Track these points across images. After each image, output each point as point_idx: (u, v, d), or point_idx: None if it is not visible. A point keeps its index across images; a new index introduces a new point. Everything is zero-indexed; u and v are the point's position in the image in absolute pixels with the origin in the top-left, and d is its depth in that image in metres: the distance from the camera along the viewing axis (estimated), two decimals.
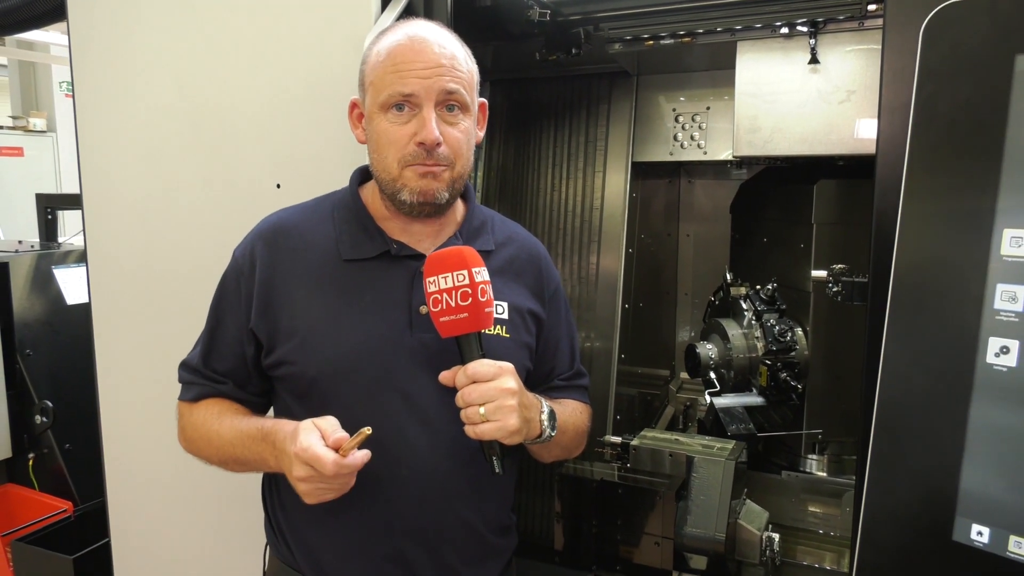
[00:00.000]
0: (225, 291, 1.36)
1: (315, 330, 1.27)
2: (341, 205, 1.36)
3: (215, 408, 1.35)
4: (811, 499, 2.06)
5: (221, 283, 1.37)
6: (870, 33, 1.70)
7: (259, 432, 1.25)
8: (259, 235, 1.34)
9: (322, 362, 1.26)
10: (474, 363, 1.17)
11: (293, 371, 1.28)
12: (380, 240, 1.31)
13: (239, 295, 1.32)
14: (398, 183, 1.25)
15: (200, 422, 1.35)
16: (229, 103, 1.72)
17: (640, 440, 1.84)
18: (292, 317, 1.28)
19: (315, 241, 1.31)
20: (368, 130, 1.29)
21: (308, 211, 1.37)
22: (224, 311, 1.35)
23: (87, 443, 2.24)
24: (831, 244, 1.99)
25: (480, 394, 1.16)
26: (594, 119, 2.33)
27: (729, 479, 1.65)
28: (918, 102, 0.96)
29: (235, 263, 1.35)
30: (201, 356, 1.37)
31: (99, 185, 1.96)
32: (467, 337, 1.18)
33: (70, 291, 3.04)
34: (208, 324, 1.38)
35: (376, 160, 1.27)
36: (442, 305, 1.17)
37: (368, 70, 1.27)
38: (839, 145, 1.76)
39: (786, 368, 1.96)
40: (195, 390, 1.37)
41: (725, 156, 2.21)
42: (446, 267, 1.17)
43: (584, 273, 2.30)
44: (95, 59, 1.90)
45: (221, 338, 1.35)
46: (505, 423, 1.16)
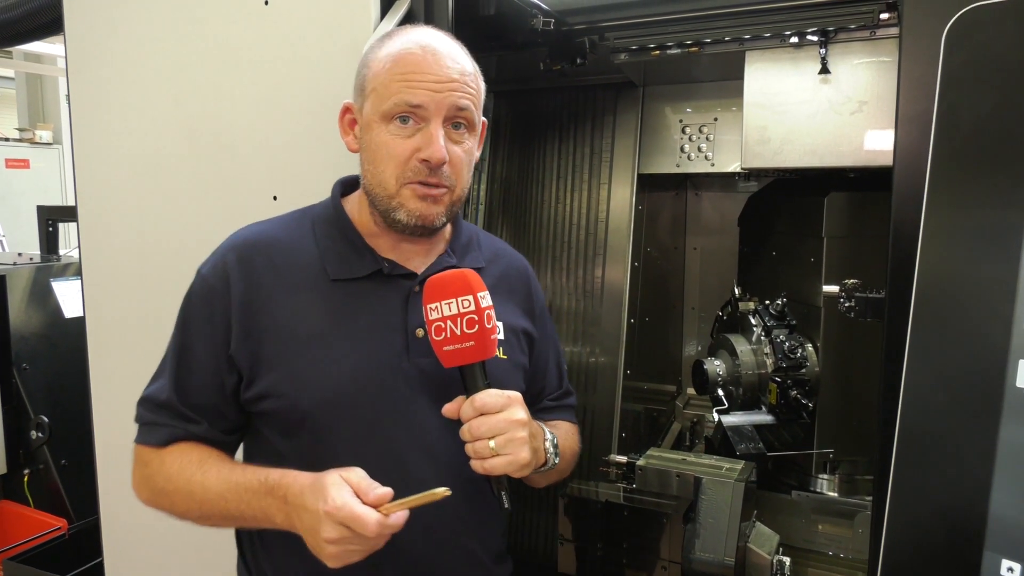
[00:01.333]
0: (192, 314, 1.20)
1: (306, 357, 1.15)
2: (323, 219, 1.24)
3: (193, 455, 1.17)
4: (822, 520, 2.01)
5: (186, 305, 1.22)
6: (883, 43, 1.66)
7: (262, 485, 1.09)
8: (232, 250, 1.20)
9: (316, 394, 1.14)
10: (482, 394, 1.10)
11: (281, 404, 1.15)
12: (371, 258, 1.20)
13: (211, 317, 1.17)
14: (394, 201, 1.15)
15: (176, 472, 1.16)
16: (226, 114, 1.69)
17: (646, 460, 1.78)
18: (278, 343, 1.15)
19: (297, 259, 1.19)
20: (364, 139, 1.18)
21: (285, 225, 1.25)
22: (192, 337, 1.19)
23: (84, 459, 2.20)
24: (842, 258, 1.94)
25: (489, 427, 1.09)
26: (599, 130, 2.29)
27: (739, 501, 1.59)
28: (940, 111, 0.91)
29: (203, 282, 1.19)
30: (172, 390, 1.19)
31: (95, 197, 1.92)
32: (472, 367, 1.11)
33: (68, 304, 3.01)
34: (173, 353, 1.21)
35: (371, 173, 1.17)
36: (445, 333, 1.09)
37: (371, 75, 1.16)
38: (851, 157, 1.71)
39: (797, 385, 1.91)
40: (163, 432, 1.19)
41: (733, 168, 2.17)
42: (449, 292, 1.09)
43: (589, 287, 2.26)
44: (91, 70, 1.87)
45: (191, 368, 1.19)
46: (516, 457, 1.09)
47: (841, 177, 1.96)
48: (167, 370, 1.22)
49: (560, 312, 2.30)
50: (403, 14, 1.45)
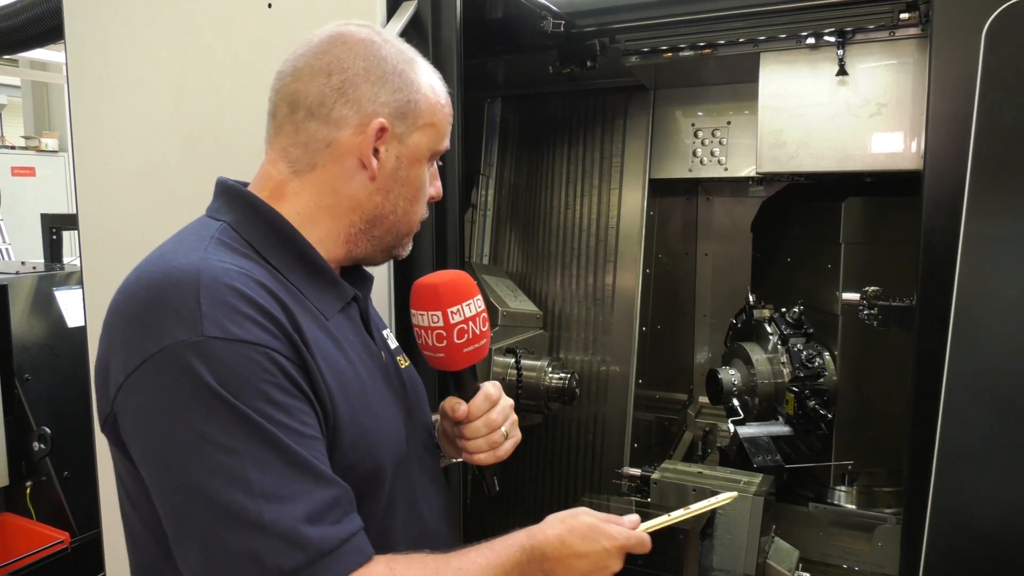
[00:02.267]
0: (273, 386, 0.86)
1: (361, 413, 0.98)
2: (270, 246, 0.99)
3: (415, 562, 0.94)
4: (840, 533, 1.96)
5: (256, 382, 0.84)
6: (902, 43, 1.62)
7: (522, 553, 0.97)
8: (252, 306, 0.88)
9: (379, 449, 1.00)
10: (488, 385, 1.13)
11: (363, 472, 0.97)
12: (344, 287, 1.06)
13: (292, 382, 0.88)
14: (407, 239, 1.13)
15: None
16: (228, 120, 1.65)
17: (661, 473, 1.74)
18: (339, 401, 0.94)
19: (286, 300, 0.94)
20: (403, 171, 1.04)
21: (225, 260, 0.93)
22: (290, 412, 0.87)
23: (87, 471, 2.16)
24: (859, 265, 1.89)
25: (503, 414, 1.13)
26: (609, 135, 2.25)
27: (758, 516, 1.54)
28: (981, 111, 0.87)
29: (258, 349, 0.85)
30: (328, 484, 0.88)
31: (96, 205, 1.89)
32: (474, 365, 1.13)
33: (71, 313, 2.98)
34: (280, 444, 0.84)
35: (404, 209, 1.06)
36: (468, 335, 1.09)
37: (426, 107, 1.04)
38: (870, 161, 1.67)
39: (815, 395, 1.86)
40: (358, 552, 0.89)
41: (747, 172, 2.12)
42: (464, 295, 1.09)
43: (600, 294, 2.22)
44: (92, 76, 1.84)
45: (312, 444, 0.88)
46: (518, 436, 1.15)
47: (856, 181, 1.91)
48: (297, 470, 0.85)
49: (570, 320, 2.25)
50: (409, 17, 1.41)
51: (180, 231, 1.06)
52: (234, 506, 0.80)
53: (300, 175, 1.02)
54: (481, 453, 1.12)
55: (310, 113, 1.01)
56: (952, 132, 1.03)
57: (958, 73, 1.00)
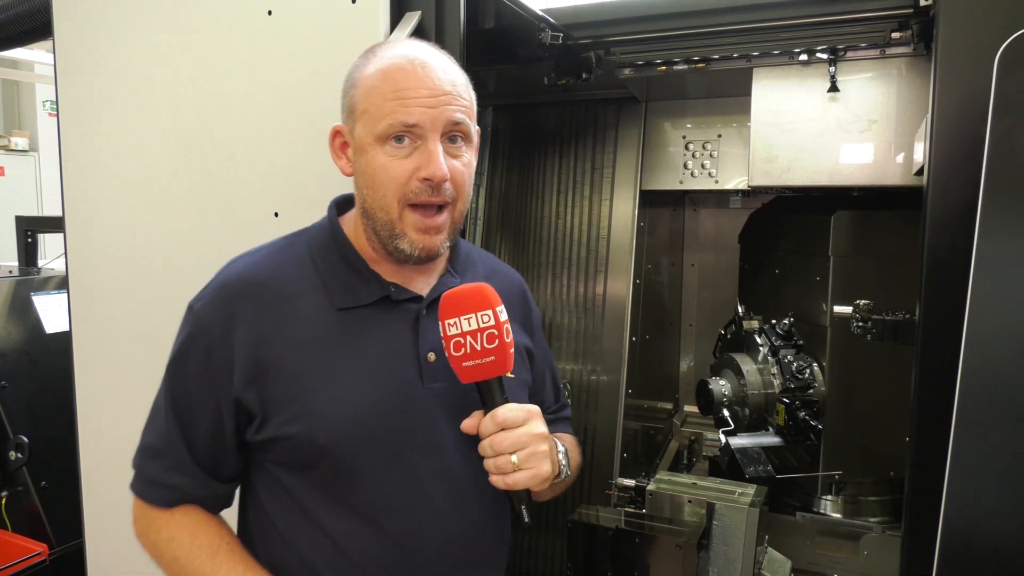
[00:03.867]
0: (190, 358, 1.14)
1: (319, 392, 1.11)
2: (320, 245, 1.19)
3: (203, 539, 1.14)
4: (827, 542, 1.98)
5: (184, 348, 1.15)
6: (892, 61, 1.66)
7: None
8: (227, 289, 1.15)
9: (333, 428, 1.10)
10: (503, 408, 1.09)
11: (297, 442, 1.11)
12: (376, 284, 1.16)
13: (208, 361, 1.12)
14: (397, 227, 1.12)
15: (184, 554, 1.14)
16: (225, 125, 1.63)
17: (656, 484, 1.74)
18: (289, 381, 1.11)
19: (298, 290, 1.15)
20: (359, 163, 1.13)
21: (280, 254, 1.19)
22: (189, 383, 1.14)
23: (65, 481, 2.11)
24: (848, 277, 1.92)
25: (512, 441, 1.08)
26: (600, 145, 2.26)
27: (753, 526, 1.56)
28: (994, 135, 0.89)
29: (199, 324, 1.14)
30: (174, 439, 1.14)
31: (83, 209, 1.85)
32: (490, 382, 1.10)
33: (49, 319, 2.90)
34: (168, 400, 1.16)
35: (371, 197, 1.12)
36: (465, 349, 1.07)
37: (360, 95, 1.12)
38: (860, 176, 1.70)
39: (805, 406, 1.88)
40: (168, 493, 1.15)
41: (737, 185, 2.15)
42: (468, 307, 1.08)
43: (590, 304, 2.22)
44: (82, 78, 1.81)
45: (195, 417, 1.14)
46: (539, 470, 1.09)
47: (846, 195, 1.94)
48: (164, 418, 1.16)
49: (560, 329, 2.26)
50: (414, 26, 1.41)
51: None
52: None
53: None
54: (492, 476, 1.10)
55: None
56: (957, 152, 1.05)
57: (964, 95, 1.03)
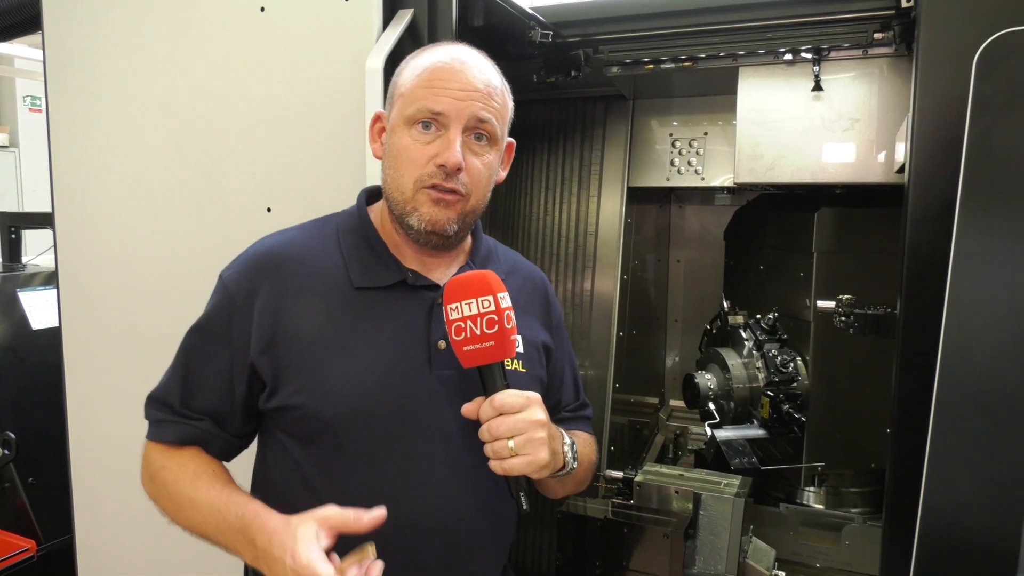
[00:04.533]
0: (213, 321, 1.21)
1: (329, 367, 1.16)
2: (347, 228, 1.25)
3: (190, 466, 1.20)
4: (810, 532, 2.02)
5: (209, 312, 1.22)
6: (875, 61, 1.69)
7: (238, 520, 1.10)
8: (255, 261, 1.22)
9: (339, 403, 1.15)
10: (501, 394, 1.11)
11: (303, 413, 1.16)
12: (395, 268, 1.21)
13: (229, 327, 1.19)
14: (409, 204, 1.16)
15: (172, 480, 1.19)
16: (217, 121, 1.64)
17: (644, 476, 1.77)
18: (302, 352, 1.16)
19: (321, 267, 1.21)
20: (388, 144, 1.20)
21: (309, 234, 1.26)
22: (207, 342, 1.22)
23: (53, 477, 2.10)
24: (831, 273, 1.96)
25: (509, 427, 1.09)
26: (588, 143, 2.29)
27: (739, 516, 1.59)
28: (972, 135, 0.92)
29: (225, 291, 1.20)
30: (179, 392, 1.22)
31: (73, 205, 1.85)
32: (491, 367, 1.11)
33: (36, 315, 2.88)
34: (186, 356, 1.24)
35: (391, 177, 1.18)
36: (465, 333, 1.10)
37: (401, 82, 1.19)
38: (844, 174, 1.74)
39: (789, 399, 1.92)
40: (171, 429, 1.22)
41: (723, 182, 2.18)
42: (470, 292, 1.10)
43: (578, 300, 2.25)
44: (71, 73, 1.81)
45: (204, 372, 1.21)
46: (536, 457, 1.10)
47: (829, 192, 1.98)
48: (177, 372, 1.24)
49: None
50: (406, 24, 1.43)
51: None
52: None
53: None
54: (490, 461, 1.11)
55: None
56: (937, 151, 1.08)
57: (944, 95, 1.06)
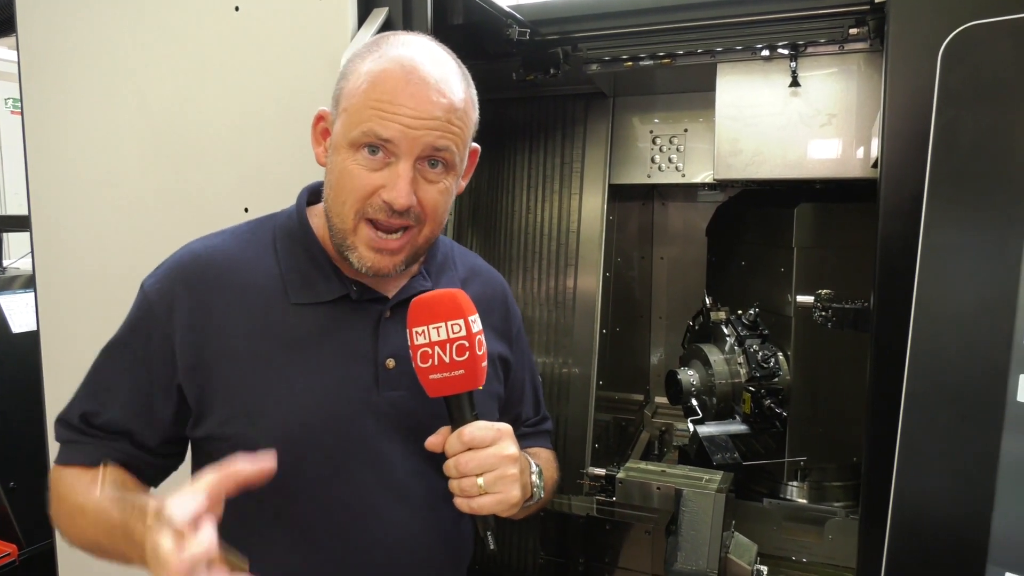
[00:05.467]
0: (130, 335, 1.09)
1: (262, 392, 1.04)
2: (285, 233, 1.12)
3: (86, 476, 1.06)
4: (793, 527, 2.03)
5: (126, 325, 1.11)
6: (851, 56, 1.70)
7: (120, 516, 0.96)
8: (179, 269, 1.10)
9: (273, 430, 1.03)
10: (470, 427, 1.01)
11: (233, 444, 1.01)
12: (337, 281, 1.09)
13: (149, 342, 1.07)
14: (349, 238, 1.04)
15: (67, 491, 1.07)
16: (193, 121, 1.63)
17: (626, 472, 1.78)
18: (229, 374, 1.05)
19: (254, 279, 1.08)
20: (330, 160, 1.06)
21: (242, 239, 1.13)
22: (122, 357, 1.09)
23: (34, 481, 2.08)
24: (811, 268, 1.97)
25: (479, 463, 0.99)
26: (570, 140, 2.29)
27: (720, 512, 1.59)
28: (938, 127, 0.92)
29: (145, 302, 1.09)
30: (82, 411, 1.10)
31: (49, 207, 1.84)
32: (459, 397, 1.02)
33: (15, 319, 2.86)
34: (97, 372, 1.12)
35: (331, 198, 1.05)
36: (432, 360, 0.99)
37: (346, 92, 1.04)
38: (821, 169, 1.74)
39: (770, 395, 1.93)
40: (81, 450, 1.08)
41: (703, 178, 2.19)
42: (438, 315, 1.00)
43: (561, 298, 2.25)
44: (46, 74, 1.79)
45: (119, 389, 1.09)
46: (507, 495, 1.00)
47: (809, 188, 1.99)
48: (84, 388, 1.13)
49: (532, 323, 2.28)
50: (381, 23, 1.42)
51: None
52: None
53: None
54: (456, 498, 1.01)
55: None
56: (907, 145, 1.09)
57: (913, 89, 1.07)
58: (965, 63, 0.89)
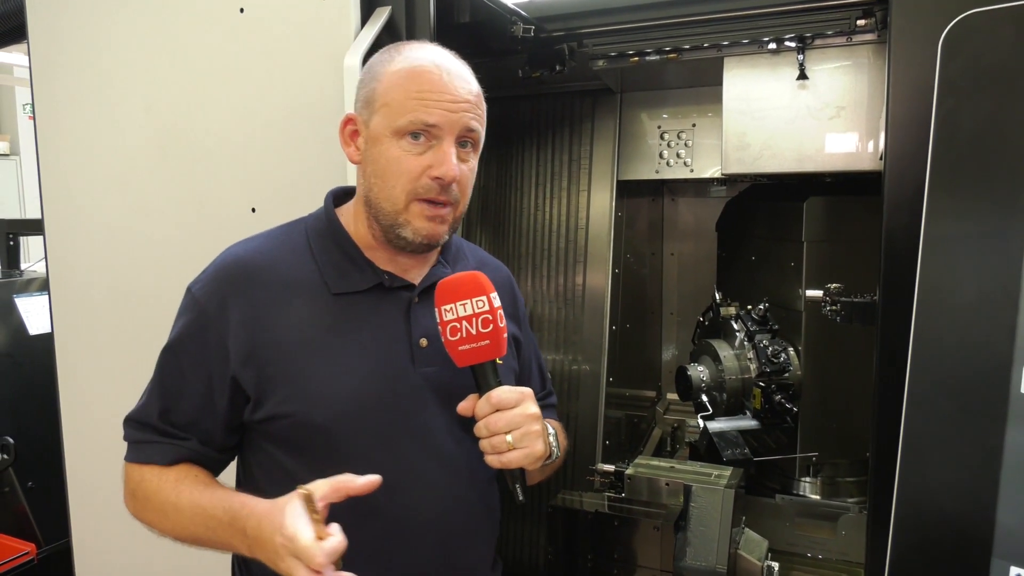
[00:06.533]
0: (186, 337, 1.20)
1: (316, 373, 1.16)
2: (317, 233, 1.24)
3: (171, 474, 1.19)
4: (806, 523, 2.01)
5: (181, 328, 1.20)
6: (859, 48, 1.68)
7: (226, 514, 1.10)
8: (225, 272, 1.20)
9: (329, 408, 1.15)
10: (498, 390, 1.13)
11: (293, 422, 1.15)
12: (371, 271, 1.21)
13: (204, 341, 1.18)
14: (401, 217, 1.16)
15: (153, 490, 1.18)
16: (200, 123, 1.64)
17: (635, 468, 1.77)
18: (285, 362, 1.16)
19: (295, 275, 1.20)
20: (370, 153, 1.18)
21: (278, 241, 1.25)
22: (183, 359, 1.20)
23: (52, 481, 2.11)
24: (821, 262, 1.95)
25: (506, 422, 1.12)
26: (577, 137, 2.29)
27: (729, 508, 1.59)
28: (938, 117, 0.91)
29: (196, 306, 1.19)
30: (157, 411, 1.20)
31: (62, 210, 1.86)
32: (483, 365, 1.14)
33: (33, 321, 2.90)
34: (163, 374, 1.22)
35: (378, 188, 1.17)
36: (461, 333, 1.12)
37: (382, 89, 1.16)
38: (829, 162, 1.73)
39: (781, 390, 1.91)
40: (155, 450, 1.20)
41: (712, 173, 2.18)
42: (463, 293, 1.12)
43: (570, 295, 2.25)
44: (57, 79, 1.81)
45: (184, 390, 1.20)
46: (532, 449, 1.13)
47: (818, 182, 1.97)
48: (155, 391, 1.22)
49: (541, 320, 2.28)
50: (384, 22, 1.43)
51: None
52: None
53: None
54: (487, 455, 1.13)
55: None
56: (911, 136, 1.07)
57: (916, 79, 1.05)
58: (965, 52, 0.88)
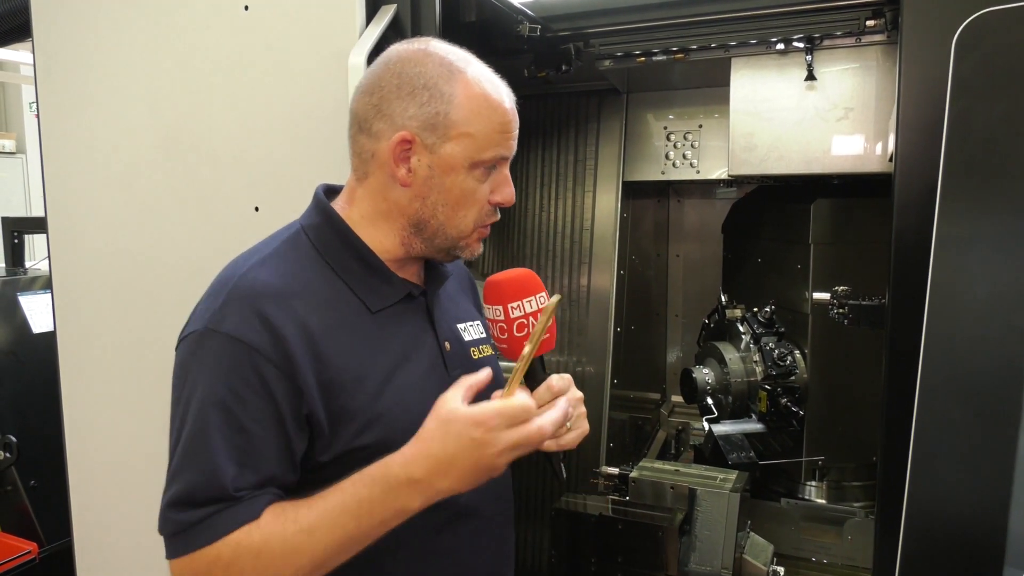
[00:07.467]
0: (239, 385, 1.03)
1: (382, 397, 1.11)
2: (326, 245, 1.16)
3: (267, 515, 1.02)
4: (811, 527, 2.00)
5: (225, 376, 1.04)
6: (868, 49, 1.67)
7: (374, 487, 0.99)
8: (257, 304, 1.06)
9: (406, 433, 1.03)
10: (554, 377, 1.11)
11: (370, 453, 1.03)
12: (399, 284, 1.18)
13: (265, 384, 1.03)
14: (463, 241, 1.16)
15: (261, 540, 1.00)
16: (204, 122, 1.64)
17: (639, 472, 1.76)
18: (353, 389, 1.09)
19: (328, 296, 1.12)
20: (437, 180, 1.10)
21: (287, 260, 1.14)
22: (245, 411, 1.03)
23: (54, 480, 2.11)
24: (828, 265, 1.94)
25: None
26: (583, 138, 2.28)
27: (734, 512, 1.58)
28: (951, 117, 0.90)
29: (240, 346, 1.03)
30: (232, 476, 1.01)
31: (65, 208, 1.86)
32: (541, 357, 1.14)
33: (36, 319, 2.90)
34: (219, 435, 1.02)
35: (445, 216, 1.12)
36: (528, 329, 1.15)
37: (459, 117, 1.08)
38: (838, 164, 1.71)
39: (786, 393, 1.90)
40: (232, 514, 1.01)
41: (718, 175, 2.16)
42: (529, 291, 1.16)
43: (575, 296, 2.24)
44: (61, 77, 1.81)
45: (252, 445, 1.03)
46: (584, 429, 1.15)
47: (826, 183, 1.96)
48: (205, 458, 1.03)
49: None
50: (389, 20, 1.42)
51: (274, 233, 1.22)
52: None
53: (361, 182, 1.16)
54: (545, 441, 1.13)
55: (359, 128, 1.14)
56: (922, 137, 1.06)
57: (927, 80, 1.04)
58: (978, 51, 0.87)
